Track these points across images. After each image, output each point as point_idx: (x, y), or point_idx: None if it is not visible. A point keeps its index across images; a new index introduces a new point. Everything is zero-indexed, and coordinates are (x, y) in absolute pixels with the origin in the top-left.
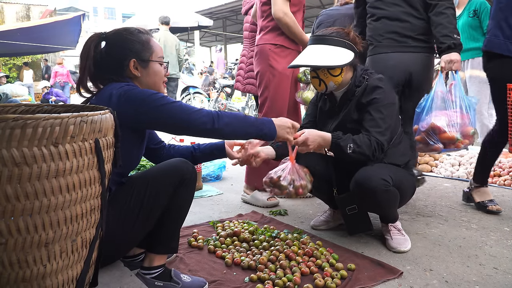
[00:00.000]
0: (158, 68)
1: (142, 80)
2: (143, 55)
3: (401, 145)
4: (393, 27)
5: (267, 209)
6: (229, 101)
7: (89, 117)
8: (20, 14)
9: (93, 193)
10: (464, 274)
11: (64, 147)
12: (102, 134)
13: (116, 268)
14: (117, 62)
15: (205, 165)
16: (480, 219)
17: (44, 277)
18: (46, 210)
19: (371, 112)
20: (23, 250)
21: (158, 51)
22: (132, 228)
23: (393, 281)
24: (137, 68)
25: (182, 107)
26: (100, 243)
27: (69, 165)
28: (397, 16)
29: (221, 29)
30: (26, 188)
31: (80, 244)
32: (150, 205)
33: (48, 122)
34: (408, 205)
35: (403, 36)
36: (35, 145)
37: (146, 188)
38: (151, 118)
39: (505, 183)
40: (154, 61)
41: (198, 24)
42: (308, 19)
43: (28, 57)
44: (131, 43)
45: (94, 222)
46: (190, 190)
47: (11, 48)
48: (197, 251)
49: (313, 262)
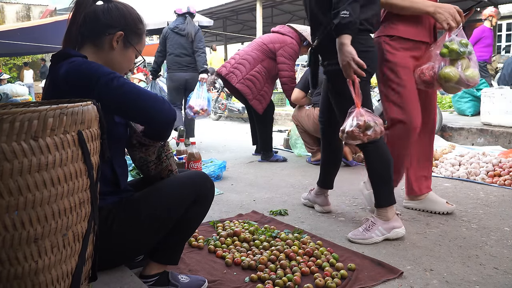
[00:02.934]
0: (133, 57)
1: (112, 56)
2: (131, 37)
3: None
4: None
5: (267, 209)
6: (229, 101)
7: (69, 109)
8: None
9: (81, 186)
10: (465, 274)
11: (44, 141)
12: (85, 125)
13: (116, 268)
14: (106, 26)
15: (206, 165)
16: (481, 219)
17: (36, 273)
18: (31, 205)
19: None
20: (12, 247)
21: (142, 46)
22: (142, 239)
23: (393, 281)
24: (117, 42)
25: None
26: (95, 237)
27: (51, 158)
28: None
29: (221, 29)
30: (9, 184)
31: (72, 238)
32: (162, 218)
33: (25, 116)
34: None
35: None
36: (14, 140)
37: (160, 200)
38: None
39: (505, 183)
40: (135, 49)
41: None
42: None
43: (28, 57)
44: (131, 19)
45: (85, 215)
46: (204, 207)
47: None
48: (198, 251)
49: (314, 262)
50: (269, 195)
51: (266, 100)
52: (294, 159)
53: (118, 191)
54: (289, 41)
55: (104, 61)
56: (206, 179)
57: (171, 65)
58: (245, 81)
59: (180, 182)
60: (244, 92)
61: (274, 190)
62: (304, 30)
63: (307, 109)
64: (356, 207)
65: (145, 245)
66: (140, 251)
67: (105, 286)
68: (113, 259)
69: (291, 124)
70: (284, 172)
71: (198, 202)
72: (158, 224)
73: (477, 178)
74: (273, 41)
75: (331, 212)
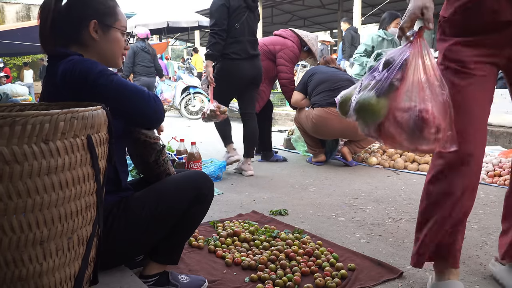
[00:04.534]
0: (119, 36)
1: (100, 46)
2: (106, 19)
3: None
4: None
5: (267, 209)
6: None
7: (79, 113)
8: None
9: (88, 189)
10: (465, 274)
11: (55, 144)
12: (95, 130)
13: (116, 268)
14: (77, 21)
15: (206, 165)
16: (481, 219)
17: (40, 276)
18: (39, 208)
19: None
20: (18, 249)
21: (122, 21)
22: (142, 238)
23: (393, 281)
24: (96, 32)
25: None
26: (98, 241)
27: (61, 162)
28: None
29: None
30: (18, 186)
31: (77, 241)
32: (162, 217)
33: (37, 119)
34: (409, 205)
35: None
36: (25, 143)
37: (160, 199)
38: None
39: (505, 183)
40: (117, 28)
41: (198, 24)
42: (308, 19)
43: (28, 57)
44: (96, 2)
45: (90, 219)
46: (205, 207)
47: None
48: (198, 251)
49: (314, 261)
50: (269, 195)
51: (263, 99)
52: (294, 159)
53: (118, 190)
54: (290, 44)
55: (97, 55)
56: (205, 178)
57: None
58: None
59: (180, 181)
60: None
61: (274, 190)
62: (306, 36)
63: (306, 111)
64: (356, 207)
65: (145, 244)
66: (140, 250)
67: (105, 286)
68: (113, 258)
69: (291, 124)
70: (284, 172)
71: (198, 201)
72: (158, 223)
73: None
74: (274, 43)
75: (331, 212)
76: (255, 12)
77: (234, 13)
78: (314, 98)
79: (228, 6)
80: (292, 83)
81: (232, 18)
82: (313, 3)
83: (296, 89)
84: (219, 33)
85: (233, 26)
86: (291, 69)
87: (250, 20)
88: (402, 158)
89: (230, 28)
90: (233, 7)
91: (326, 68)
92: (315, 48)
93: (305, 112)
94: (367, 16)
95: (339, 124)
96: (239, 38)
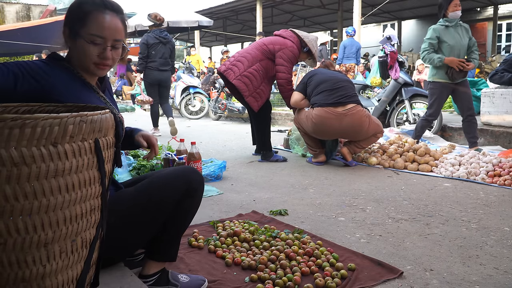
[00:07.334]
0: (85, 46)
1: (73, 54)
2: (74, 26)
3: None
4: None
5: (267, 209)
6: (229, 101)
7: (88, 116)
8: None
9: (93, 193)
10: (465, 274)
11: (63, 147)
12: (102, 134)
13: (117, 268)
14: (62, 27)
15: (206, 165)
16: (481, 219)
17: (43, 277)
18: (45, 210)
19: None
20: (22, 250)
21: (92, 28)
22: (135, 233)
23: (393, 281)
24: (70, 38)
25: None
26: (101, 244)
27: (68, 165)
28: None
29: (221, 29)
30: (25, 188)
31: (80, 244)
32: (154, 212)
33: (47, 121)
34: (409, 205)
35: None
36: (34, 145)
37: (150, 194)
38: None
39: (505, 183)
40: (81, 36)
41: (198, 24)
42: (308, 19)
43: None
44: (72, 7)
45: (94, 222)
46: (196, 200)
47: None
48: (198, 251)
49: (314, 261)
50: (269, 195)
51: (262, 99)
52: (294, 159)
53: (112, 185)
54: (290, 44)
55: (76, 62)
56: (195, 171)
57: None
58: (242, 78)
59: (170, 174)
60: (241, 88)
61: (274, 190)
62: (306, 36)
63: (306, 111)
64: (356, 207)
65: (137, 240)
66: (136, 245)
67: (105, 286)
68: (111, 255)
69: (291, 124)
70: (284, 172)
71: (189, 194)
72: (150, 218)
73: (477, 178)
74: (274, 42)
75: (331, 212)
76: (166, 45)
77: (152, 47)
78: (314, 98)
79: (147, 44)
80: (290, 83)
81: (150, 49)
82: (313, 3)
83: (296, 89)
84: (142, 58)
85: (151, 53)
86: (289, 69)
87: (162, 49)
88: (402, 158)
89: (149, 54)
90: (150, 44)
91: (326, 70)
92: (315, 49)
93: (305, 112)
94: (367, 16)
95: (339, 124)
96: (153, 59)
